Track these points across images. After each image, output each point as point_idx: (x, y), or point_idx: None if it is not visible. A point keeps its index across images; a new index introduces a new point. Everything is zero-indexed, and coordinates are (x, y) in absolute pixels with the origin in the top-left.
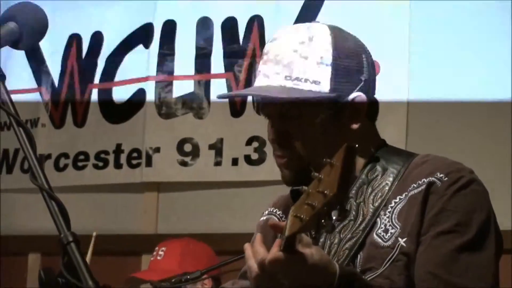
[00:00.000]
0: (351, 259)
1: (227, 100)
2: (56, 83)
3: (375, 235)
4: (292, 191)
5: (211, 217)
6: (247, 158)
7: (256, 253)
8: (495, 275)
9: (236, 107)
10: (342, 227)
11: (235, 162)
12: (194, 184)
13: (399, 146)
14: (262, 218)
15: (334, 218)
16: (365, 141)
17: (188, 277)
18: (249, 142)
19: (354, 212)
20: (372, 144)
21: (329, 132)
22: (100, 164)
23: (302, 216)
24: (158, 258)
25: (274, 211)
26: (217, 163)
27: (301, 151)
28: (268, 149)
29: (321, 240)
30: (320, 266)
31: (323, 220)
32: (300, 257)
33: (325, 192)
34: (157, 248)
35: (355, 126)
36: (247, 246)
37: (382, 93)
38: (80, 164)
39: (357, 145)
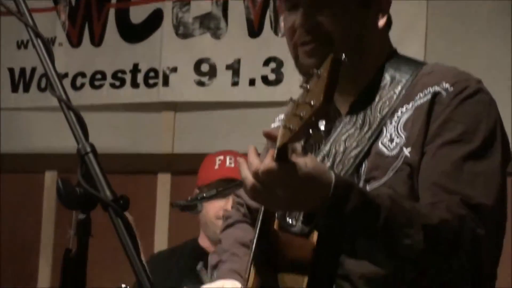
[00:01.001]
0: (356, 167)
1: (244, 20)
2: (73, 2)
3: (380, 144)
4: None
5: (227, 137)
6: (264, 79)
7: (250, 165)
8: (502, 184)
9: (254, 27)
10: (347, 135)
11: (252, 82)
12: (211, 104)
13: None
14: (272, 125)
15: (322, 128)
16: (379, 46)
17: (205, 195)
18: (266, 63)
19: (360, 121)
20: (384, 52)
21: (359, 25)
22: (117, 83)
23: (291, 126)
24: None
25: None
26: (234, 83)
27: (332, 40)
28: (285, 69)
29: (326, 149)
30: (314, 175)
31: (311, 130)
32: (293, 166)
33: (312, 102)
34: (232, 157)
35: (381, 22)
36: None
37: None
38: (97, 83)
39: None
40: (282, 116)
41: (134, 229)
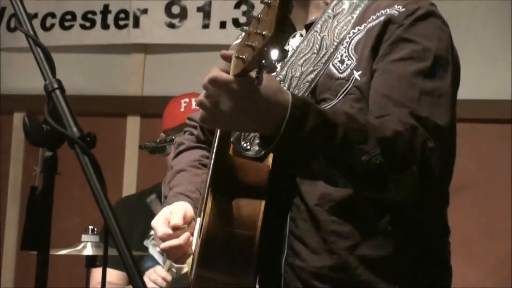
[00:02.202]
0: (312, 91)
1: None
2: None
3: (331, 66)
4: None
5: (197, 79)
6: (235, 21)
7: (209, 75)
8: (452, 107)
9: None
10: (304, 60)
11: (223, 25)
12: (181, 47)
13: None
14: (235, 42)
15: (274, 58)
16: None
17: (174, 137)
18: (237, 5)
19: (317, 45)
20: None
21: None
22: (87, 24)
23: (243, 57)
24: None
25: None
26: (205, 26)
27: None
28: (257, 12)
29: (283, 73)
30: (269, 91)
31: (263, 61)
32: (245, 79)
33: (264, 33)
34: (187, 99)
35: None
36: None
37: None
38: (67, 24)
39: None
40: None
41: (100, 167)
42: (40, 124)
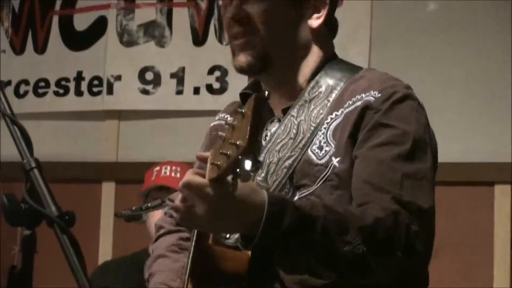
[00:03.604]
0: (289, 177)
1: (189, 28)
2: (16, 8)
3: (309, 152)
4: (241, 94)
5: (172, 145)
6: (209, 87)
7: (184, 180)
8: (433, 188)
9: (198, 35)
10: (281, 146)
11: (196, 91)
12: (155, 113)
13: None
14: (212, 123)
15: (249, 168)
16: (316, 49)
17: (149, 205)
18: (211, 71)
19: (294, 130)
20: (321, 55)
21: (291, 22)
22: (61, 91)
23: (218, 163)
24: (174, 175)
25: (223, 115)
26: (179, 92)
27: (262, 32)
28: (230, 78)
29: (260, 159)
30: (244, 194)
31: (238, 170)
32: (219, 184)
33: (238, 143)
34: (167, 166)
35: (316, 23)
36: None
37: None
38: (40, 91)
39: (267, 94)
40: (222, 115)
41: (79, 246)
42: (19, 203)
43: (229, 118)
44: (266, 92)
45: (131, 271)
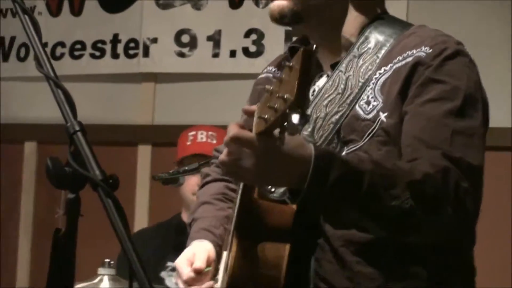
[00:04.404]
0: (336, 133)
1: None
2: None
3: (357, 107)
4: (290, 48)
5: (207, 108)
6: (245, 50)
7: (229, 133)
8: (483, 145)
9: None
10: (329, 101)
11: (233, 54)
12: (191, 76)
13: None
14: (259, 77)
15: (296, 122)
16: (367, 4)
17: (187, 168)
18: (247, 34)
19: (342, 86)
20: (370, 11)
21: None
22: (97, 53)
23: (266, 117)
24: (210, 141)
25: (270, 68)
26: (215, 55)
27: None
28: (266, 41)
29: (308, 113)
30: (291, 148)
31: (285, 123)
32: (267, 137)
33: (285, 96)
34: (203, 132)
35: None
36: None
37: None
38: (76, 53)
39: (315, 47)
40: (269, 68)
41: (123, 209)
42: (63, 166)
43: (276, 71)
44: (314, 46)
45: (162, 239)
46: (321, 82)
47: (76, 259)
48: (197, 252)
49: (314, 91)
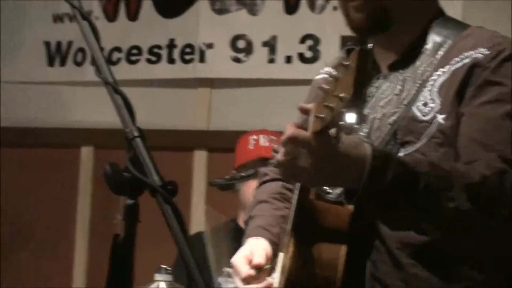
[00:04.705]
0: (393, 133)
1: None
2: None
3: (414, 108)
4: (347, 49)
5: (263, 114)
6: (301, 56)
7: (286, 134)
8: None
9: (290, 3)
10: (386, 102)
11: (288, 59)
12: (247, 81)
13: None
14: (317, 77)
15: (353, 121)
16: (425, 5)
17: (244, 174)
18: (303, 40)
19: (399, 87)
20: (429, 12)
21: None
22: (153, 58)
23: (322, 116)
24: (273, 145)
25: (328, 69)
26: (271, 60)
27: None
28: (322, 47)
29: (364, 115)
30: (348, 147)
31: (342, 122)
32: (324, 137)
33: (341, 95)
34: (266, 136)
35: None
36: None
37: None
38: (133, 58)
39: (371, 46)
40: (327, 69)
41: (182, 215)
42: (122, 172)
43: (333, 72)
44: (371, 45)
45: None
46: (378, 83)
47: (134, 264)
48: (255, 249)
49: (371, 92)
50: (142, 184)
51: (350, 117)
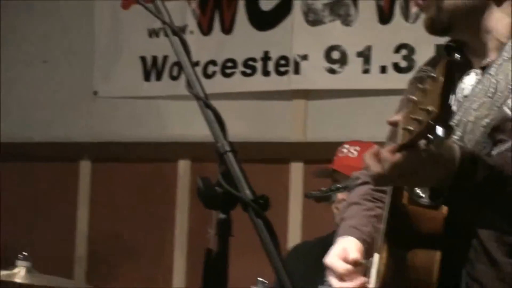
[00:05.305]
0: (487, 135)
1: (374, 6)
2: None
3: (505, 108)
4: (445, 47)
5: (358, 124)
6: (396, 66)
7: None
8: None
9: (384, 13)
10: (479, 104)
11: (383, 69)
12: (342, 92)
13: None
14: (413, 76)
15: (441, 134)
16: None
17: (339, 185)
18: (397, 50)
19: (492, 89)
20: None
21: None
22: (248, 71)
23: (410, 128)
24: (350, 155)
25: (424, 68)
26: (365, 71)
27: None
28: (417, 56)
29: (457, 118)
30: (438, 154)
31: (430, 135)
32: (413, 148)
33: (429, 109)
34: (347, 146)
35: None
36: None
37: None
38: (228, 71)
39: (459, 57)
40: (423, 67)
41: (274, 230)
42: (214, 186)
43: (430, 69)
44: (458, 56)
45: (323, 254)
46: (468, 79)
47: (228, 278)
48: (348, 246)
49: (462, 89)
50: (234, 198)
51: (439, 130)
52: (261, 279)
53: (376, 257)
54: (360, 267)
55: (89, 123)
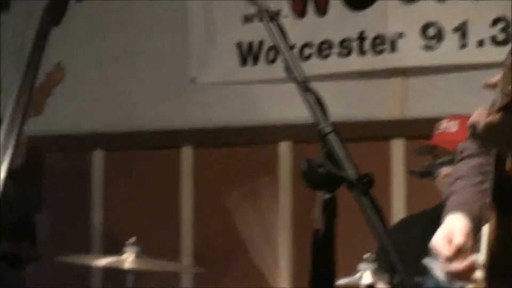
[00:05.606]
0: None
1: None
2: None
3: None
4: None
5: (456, 99)
6: (493, 39)
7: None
8: None
9: None
10: None
11: (480, 44)
12: (439, 68)
13: None
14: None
15: None
16: None
17: (441, 160)
18: (494, 23)
19: None
20: None
21: None
22: (344, 51)
23: (508, 91)
24: (450, 130)
25: None
26: (462, 46)
27: None
28: None
29: None
30: None
31: None
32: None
33: None
34: (446, 120)
35: None
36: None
37: None
38: (324, 52)
39: None
40: None
41: (379, 207)
42: (317, 168)
43: None
44: None
45: (431, 225)
46: None
47: (336, 257)
48: (455, 228)
49: None
50: (338, 178)
51: None
52: (368, 254)
53: (484, 230)
54: (466, 249)
55: (189, 110)
